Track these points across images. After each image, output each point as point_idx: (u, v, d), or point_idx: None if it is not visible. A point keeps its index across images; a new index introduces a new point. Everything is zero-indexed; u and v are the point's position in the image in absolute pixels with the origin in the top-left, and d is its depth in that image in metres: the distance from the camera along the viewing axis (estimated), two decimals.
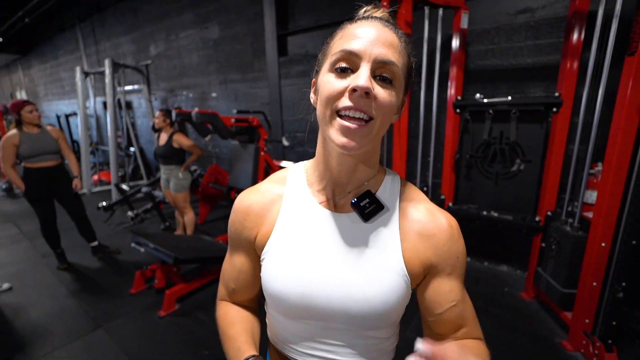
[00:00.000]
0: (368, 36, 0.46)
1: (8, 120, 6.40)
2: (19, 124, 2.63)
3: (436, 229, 0.53)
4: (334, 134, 0.47)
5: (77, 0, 6.25)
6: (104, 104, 6.28)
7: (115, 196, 4.77)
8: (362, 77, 0.44)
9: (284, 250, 0.55)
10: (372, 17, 0.50)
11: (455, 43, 2.37)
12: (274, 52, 3.64)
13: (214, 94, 4.75)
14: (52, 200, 2.82)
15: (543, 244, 2.14)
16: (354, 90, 0.44)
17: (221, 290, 0.67)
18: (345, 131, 0.46)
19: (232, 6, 4.05)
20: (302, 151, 3.83)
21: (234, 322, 0.62)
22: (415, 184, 2.69)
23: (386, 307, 0.51)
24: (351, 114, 0.45)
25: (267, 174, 3.07)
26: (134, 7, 5.52)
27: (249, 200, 0.60)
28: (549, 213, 2.10)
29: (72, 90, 7.77)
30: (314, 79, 0.55)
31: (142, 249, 2.33)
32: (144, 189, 3.64)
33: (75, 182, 2.89)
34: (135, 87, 5.75)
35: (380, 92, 0.46)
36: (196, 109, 2.79)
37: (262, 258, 0.58)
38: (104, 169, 6.60)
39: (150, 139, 5.96)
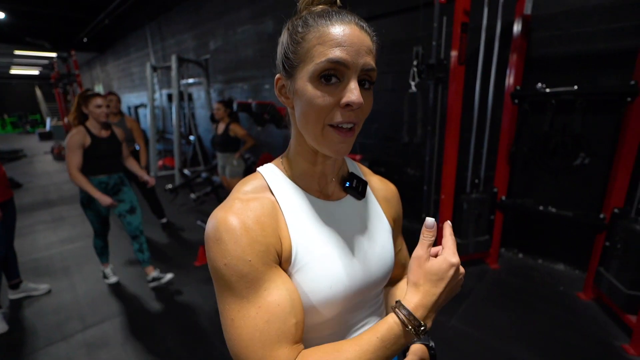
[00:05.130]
0: (351, 43, 0.45)
1: None
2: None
3: (391, 192, 0.68)
4: (328, 144, 0.48)
5: (148, 1, 6.86)
6: (169, 96, 6.88)
7: (178, 180, 5.27)
8: (355, 93, 0.45)
9: (315, 253, 0.52)
10: (346, 16, 0.47)
11: (516, 30, 2.27)
12: None
13: (267, 86, 4.99)
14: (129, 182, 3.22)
15: (607, 243, 2.02)
16: (348, 105, 0.45)
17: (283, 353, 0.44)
18: (339, 141, 0.48)
19: (287, 1, 4.21)
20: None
21: (342, 349, 0.46)
22: (466, 176, 2.65)
23: (393, 263, 0.63)
24: (344, 125, 0.47)
25: None
26: (197, 5, 5.94)
27: (252, 213, 0.49)
28: (616, 210, 1.97)
29: (141, 83, 8.59)
30: (278, 76, 0.53)
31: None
32: (204, 174, 4.00)
33: (141, 173, 2.60)
34: (196, 80, 6.21)
35: (366, 100, 0.48)
36: (254, 101, 3.00)
37: (291, 272, 0.51)
38: (168, 156, 7.26)
39: (208, 128, 6.43)
